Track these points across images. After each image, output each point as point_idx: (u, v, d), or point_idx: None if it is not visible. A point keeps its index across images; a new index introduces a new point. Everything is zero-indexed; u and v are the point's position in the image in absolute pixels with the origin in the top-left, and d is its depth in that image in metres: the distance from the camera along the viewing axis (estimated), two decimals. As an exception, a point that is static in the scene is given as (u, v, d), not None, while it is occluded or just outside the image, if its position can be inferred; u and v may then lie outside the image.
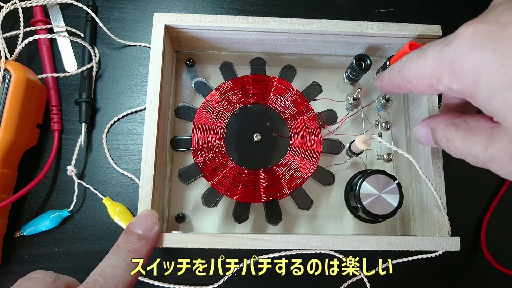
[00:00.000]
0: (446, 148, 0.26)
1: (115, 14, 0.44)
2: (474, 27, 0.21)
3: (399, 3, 0.47)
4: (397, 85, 0.28)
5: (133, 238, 0.28)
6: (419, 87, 0.25)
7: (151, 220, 0.29)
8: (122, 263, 0.26)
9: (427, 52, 0.24)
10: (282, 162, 0.36)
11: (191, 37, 0.37)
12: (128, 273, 0.26)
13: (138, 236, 0.28)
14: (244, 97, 0.37)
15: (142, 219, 0.29)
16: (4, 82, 0.35)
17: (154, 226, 0.29)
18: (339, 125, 0.40)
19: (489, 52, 0.20)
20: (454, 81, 0.22)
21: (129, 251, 0.27)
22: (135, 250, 0.27)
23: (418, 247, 0.31)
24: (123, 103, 0.42)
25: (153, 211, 0.30)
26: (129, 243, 0.27)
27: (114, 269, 0.25)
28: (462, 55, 0.21)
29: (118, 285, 0.25)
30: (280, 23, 0.35)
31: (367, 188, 0.34)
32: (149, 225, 0.29)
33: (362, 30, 0.35)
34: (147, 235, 0.28)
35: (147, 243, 0.28)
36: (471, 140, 0.23)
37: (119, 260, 0.26)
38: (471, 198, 0.42)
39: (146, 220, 0.29)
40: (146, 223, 0.29)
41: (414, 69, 0.25)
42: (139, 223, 0.29)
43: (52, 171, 0.40)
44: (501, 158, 0.22)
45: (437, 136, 0.27)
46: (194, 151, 0.36)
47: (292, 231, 0.39)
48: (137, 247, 0.27)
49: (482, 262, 0.40)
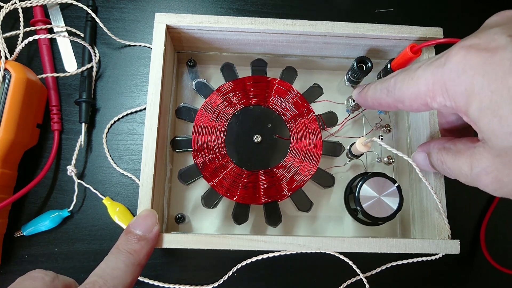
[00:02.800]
0: (442, 170, 0.28)
1: (115, 14, 0.44)
2: (465, 51, 0.22)
3: (399, 3, 0.46)
4: (385, 105, 0.29)
5: (133, 239, 0.27)
6: (412, 106, 0.26)
7: (151, 221, 0.29)
8: (121, 265, 0.26)
9: (418, 73, 0.25)
10: (282, 164, 0.36)
11: (192, 37, 0.37)
12: (127, 274, 0.26)
13: (138, 237, 0.28)
14: (245, 98, 0.37)
15: (142, 220, 0.29)
16: (4, 82, 0.35)
17: (154, 227, 0.29)
18: (340, 127, 0.40)
19: (480, 77, 0.21)
20: (448, 99, 0.23)
21: (129, 252, 0.27)
22: (135, 252, 0.27)
23: (417, 250, 0.31)
24: (123, 103, 0.42)
25: (153, 211, 0.30)
26: (129, 244, 0.27)
27: (113, 270, 0.25)
28: (455, 77, 0.22)
29: (117, 287, 0.25)
30: (281, 24, 0.35)
31: (367, 190, 0.34)
32: (149, 225, 0.29)
33: (363, 32, 0.35)
34: (146, 236, 0.28)
35: (146, 244, 0.28)
36: (460, 161, 0.25)
37: (118, 261, 0.26)
38: (471, 198, 0.42)
39: (146, 220, 0.29)
40: (146, 223, 0.29)
41: (407, 90, 0.26)
42: (139, 224, 0.29)
43: (52, 171, 0.40)
44: (485, 178, 0.23)
45: (432, 160, 0.29)
46: (194, 152, 0.36)
47: (291, 233, 0.39)
48: (137, 248, 0.27)
49: (482, 263, 0.41)
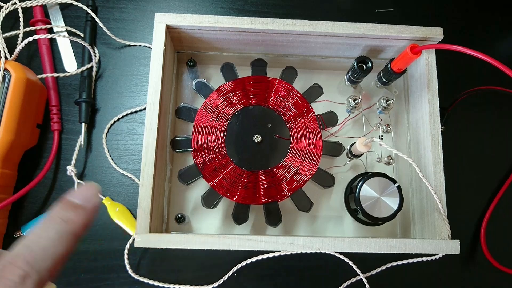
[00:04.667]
0: None
1: (115, 14, 0.44)
2: None
3: (399, 3, 0.46)
4: None
5: (68, 207, 0.24)
6: None
7: (90, 191, 0.26)
8: (53, 233, 0.22)
9: None
10: (282, 164, 0.36)
11: (192, 37, 0.37)
12: (59, 245, 0.22)
13: (73, 206, 0.24)
14: (245, 98, 0.37)
15: (82, 190, 0.26)
16: (4, 82, 0.35)
17: (92, 198, 0.25)
18: (340, 127, 0.40)
19: None
20: None
21: (62, 219, 0.23)
22: (70, 220, 0.23)
23: (418, 250, 0.31)
24: (123, 103, 0.42)
25: (94, 184, 0.27)
26: (63, 211, 0.24)
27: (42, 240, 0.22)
28: None
29: (46, 259, 0.21)
30: (281, 24, 0.35)
31: (367, 190, 0.34)
32: (88, 195, 0.25)
33: (363, 32, 0.35)
34: (84, 205, 0.24)
35: (84, 213, 0.24)
36: None
37: (49, 230, 0.22)
38: (471, 198, 0.42)
39: (86, 190, 0.26)
40: (86, 193, 0.25)
41: None
42: (77, 194, 0.25)
43: (52, 171, 0.40)
44: None
45: None
46: (194, 152, 0.36)
47: (291, 233, 0.39)
48: (72, 217, 0.23)
49: (482, 263, 0.40)
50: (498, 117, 0.44)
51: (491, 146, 0.44)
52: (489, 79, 0.44)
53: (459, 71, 0.45)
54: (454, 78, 0.44)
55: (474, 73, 0.45)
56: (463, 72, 0.45)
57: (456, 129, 0.43)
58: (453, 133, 0.43)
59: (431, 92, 0.35)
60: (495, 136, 0.44)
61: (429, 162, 0.34)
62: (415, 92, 0.38)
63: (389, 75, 0.36)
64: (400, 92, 0.41)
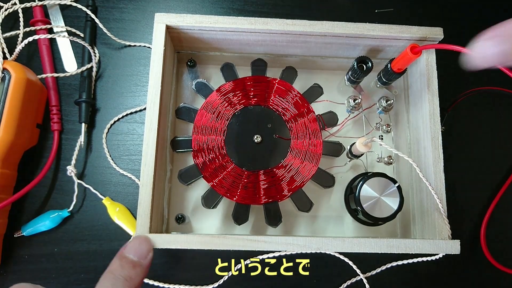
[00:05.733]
0: None
1: (115, 14, 0.44)
2: None
3: (399, 3, 0.46)
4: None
5: (128, 265, 0.27)
6: None
7: (146, 247, 0.28)
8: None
9: None
10: (282, 164, 0.36)
11: (192, 37, 0.37)
12: None
13: (133, 264, 0.27)
14: (245, 98, 0.37)
15: (137, 245, 0.28)
16: (4, 82, 0.35)
17: (148, 253, 0.28)
18: (340, 127, 0.40)
19: None
20: None
21: (125, 279, 0.26)
22: (131, 279, 0.26)
23: (418, 250, 0.31)
24: (123, 103, 0.42)
25: (148, 237, 0.29)
26: (125, 270, 0.26)
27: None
28: None
29: None
30: (281, 24, 0.35)
31: (367, 190, 0.34)
32: (144, 251, 0.28)
33: (363, 32, 0.35)
34: (141, 263, 0.27)
35: (141, 271, 0.27)
36: None
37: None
38: (471, 198, 0.42)
39: (141, 246, 0.28)
40: (141, 249, 0.28)
41: None
42: (133, 249, 0.28)
43: (52, 171, 0.40)
44: None
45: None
46: (194, 152, 0.36)
47: (291, 233, 0.39)
48: (133, 275, 0.26)
49: (482, 262, 0.40)
50: (498, 117, 0.44)
51: (491, 146, 0.44)
52: (489, 79, 0.44)
53: (459, 71, 0.45)
54: (454, 78, 0.44)
55: (474, 73, 0.45)
56: (463, 72, 0.45)
57: (456, 129, 0.43)
58: (453, 133, 0.43)
59: (431, 92, 0.35)
60: (495, 136, 0.44)
61: (429, 162, 0.34)
62: (415, 92, 0.38)
63: (389, 75, 0.36)
64: (400, 92, 0.41)
